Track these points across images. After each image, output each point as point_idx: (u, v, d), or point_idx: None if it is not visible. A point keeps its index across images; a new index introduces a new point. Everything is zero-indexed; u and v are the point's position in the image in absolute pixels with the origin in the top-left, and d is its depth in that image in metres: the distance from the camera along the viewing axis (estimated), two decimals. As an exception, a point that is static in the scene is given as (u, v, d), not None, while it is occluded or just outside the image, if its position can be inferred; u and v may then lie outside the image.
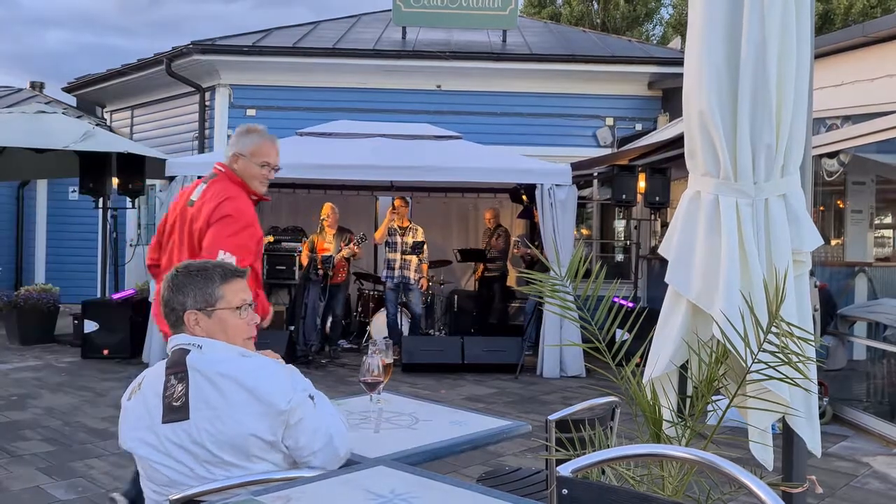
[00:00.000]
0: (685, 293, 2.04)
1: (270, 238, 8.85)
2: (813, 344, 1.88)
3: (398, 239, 8.25)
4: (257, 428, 1.80)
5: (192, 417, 1.80)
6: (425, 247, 8.32)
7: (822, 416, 5.41)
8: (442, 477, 1.63)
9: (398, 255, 8.21)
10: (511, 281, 9.53)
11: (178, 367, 1.85)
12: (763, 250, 1.98)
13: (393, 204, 8.48)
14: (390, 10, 11.64)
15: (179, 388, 1.82)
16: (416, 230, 8.32)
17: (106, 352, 7.89)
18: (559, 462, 1.63)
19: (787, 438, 2.12)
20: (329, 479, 1.68)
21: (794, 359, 1.72)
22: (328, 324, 8.41)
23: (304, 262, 8.24)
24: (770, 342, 1.73)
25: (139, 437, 1.86)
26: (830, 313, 6.20)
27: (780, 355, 1.73)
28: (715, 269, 1.97)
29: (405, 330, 8.36)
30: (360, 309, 9.39)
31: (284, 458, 1.87)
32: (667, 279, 2.09)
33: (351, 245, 8.06)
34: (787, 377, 1.74)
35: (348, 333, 9.23)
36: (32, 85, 14.81)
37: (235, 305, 1.97)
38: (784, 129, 1.99)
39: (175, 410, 1.81)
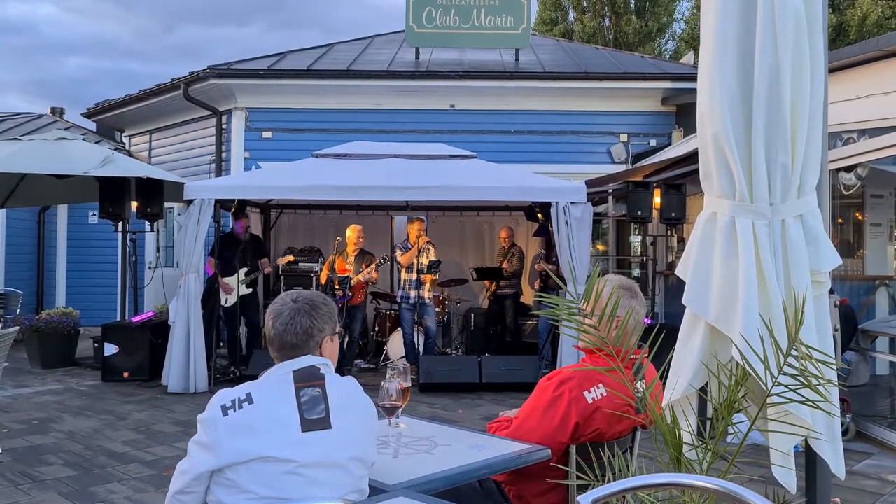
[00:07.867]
0: (703, 316, 2.03)
1: (290, 258, 8.89)
2: (833, 367, 1.86)
3: (413, 260, 8.24)
4: None
5: None
6: (440, 265, 8.31)
7: (844, 433, 5.33)
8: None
9: (414, 276, 8.21)
10: (527, 298, 9.49)
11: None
12: (781, 272, 1.97)
13: (415, 226, 8.33)
14: (403, 31, 11.75)
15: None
16: (429, 249, 8.31)
17: (126, 374, 7.94)
18: (580, 488, 1.62)
19: (809, 461, 2.10)
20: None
21: (815, 382, 1.70)
22: (344, 344, 8.40)
23: (323, 281, 8.26)
24: (790, 365, 1.72)
25: None
26: (852, 328, 6.12)
27: (801, 378, 1.71)
28: (733, 292, 1.95)
29: (421, 349, 8.35)
30: (377, 328, 9.40)
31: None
32: (684, 301, 2.08)
33: (371, 267, 8.07)
34: (809, 400, 1.73)
35: (365, 353, 9.23)
36: (53, 111, 15.06)
37: None
38: (799, 150, 1.98)
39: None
